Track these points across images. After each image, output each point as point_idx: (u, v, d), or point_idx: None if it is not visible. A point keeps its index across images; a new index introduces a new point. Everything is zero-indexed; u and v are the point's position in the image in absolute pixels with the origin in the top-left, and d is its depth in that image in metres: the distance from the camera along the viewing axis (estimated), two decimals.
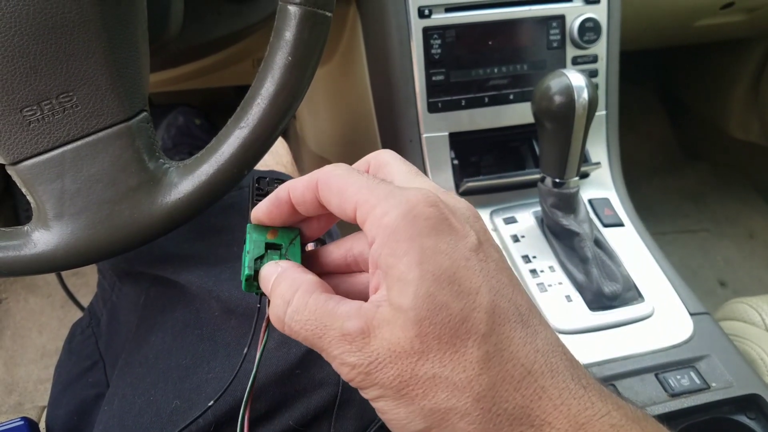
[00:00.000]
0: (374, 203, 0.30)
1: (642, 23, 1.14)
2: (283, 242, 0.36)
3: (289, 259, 0.35)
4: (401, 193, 0.30)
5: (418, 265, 0.28)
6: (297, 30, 0.43)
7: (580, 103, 0.67)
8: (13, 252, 0.44)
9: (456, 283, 0.29)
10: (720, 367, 0.68)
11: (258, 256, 0.35)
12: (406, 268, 0.29)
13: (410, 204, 0.30)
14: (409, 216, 0.29)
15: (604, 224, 0.83)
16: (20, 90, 0.40)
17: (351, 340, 0.29)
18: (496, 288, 0.29)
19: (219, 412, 0.44)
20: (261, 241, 0.36)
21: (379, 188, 0.31)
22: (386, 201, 0.30)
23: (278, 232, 0.36)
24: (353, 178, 0.32)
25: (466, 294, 0.29)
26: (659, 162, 1.84)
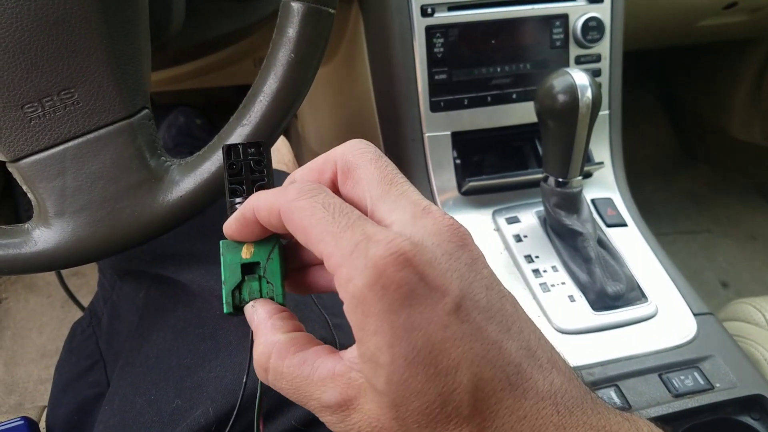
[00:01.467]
0: (338, 261, 0.27)
1: (645, 23, 1.13)
2: (260, 259, 0.33)
3: (269, 278, 0.33)
4: (368, 249, 0.26)
5: (389, 347, 0.26)
6: (300, 27, 0.43)
7: (583, 102, 0.67)
8: (14, 250, 0.44)
9: (432, 364, 0.26)
10: (724, 368, 0.67)
11: (235, 286, 0.33)
12: (377, 350, 0.26)
13: (377, 270, 0.26)
14: (377, 287, 0.26)
15: (607, 224, 0.83)
16: (21, 86, 0.40)
17: (331, 411, 0.28)
18: (480, 354, 0.26)
19: (220, 412, 0.44)
20: (236, 264, 0.33)
21: (344, 238, 0.27)
22: (351, 261, 0.26)
23: (253, 247, 0.33)
24: (315, 217, 0.28)
25: (444, 374, 0.26)
26: (661, 163, 1.84)
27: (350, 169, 0.31)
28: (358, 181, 0.30)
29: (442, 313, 0.26)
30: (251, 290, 0.33)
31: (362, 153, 0.31)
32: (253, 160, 0.36)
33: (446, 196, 0.84)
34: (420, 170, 0.84)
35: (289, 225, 0.29)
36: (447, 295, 0.26)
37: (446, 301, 0.26)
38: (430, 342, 0.26)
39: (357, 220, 0.28)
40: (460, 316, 0.26)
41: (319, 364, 0.28)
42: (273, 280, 0.33)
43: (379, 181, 0.30)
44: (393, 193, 0.29)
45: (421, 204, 0.29)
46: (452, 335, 0.26)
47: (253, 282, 0.33)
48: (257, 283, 0.33)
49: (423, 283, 0.26)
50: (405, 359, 0.26)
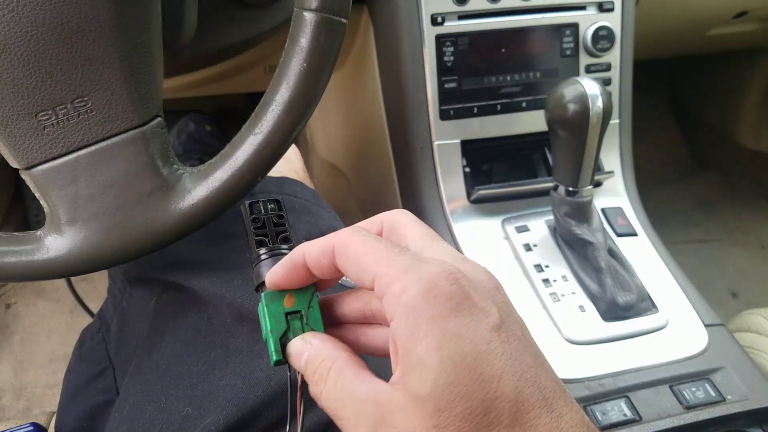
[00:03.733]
0: (393, 278, 0.29)
1: (655, 32, 1.13)
2: (301, 307, 0.35)
3: (312, 326, 0.34)
4: (420, 267, 0.29)
5: (437, 350, 0.27)
6: (312, 36, 0.43)
7: (594, 111, 0.67)
8: (26, 257, 0.44)
9: (477, 370, 0.27)
10: (735, 380, 0.67)
11: (282, 334, 0.34)
12: (425, 354, 0.27)
13: (431, 282, 0.28)
14: (429, 295, 0.28)
15: (618, 234, 0.82)
16: (35, 94, 0.40)
17: (373, 426, 0.28)
18: (519, 371, 0.28)
19: (231, 420, 0.44)
20: (280, 313, 0.34)
21: (397, 261, 0.30)
22: (405, 276, 0.29)
23: (294, 295, 0.35)
24: (371, 247, 0.31)
25: (488, 382, 0.27)
26: (670, 171, 1.84)
27: (396, 227, 0.34)
28: (404, 236, 0.33)
29: (486, 329, 0.28)
30: (296, 335, 0.34)
31: (407, 215, 0.35)
32: (275, 215, 0.38)
33: (455, 204, 0.84)
34: (429, 178, 0.84)
35: (342, 258, 0.32)
36: (489, 315, 0.29)
37: (489, 320, 0.29)
38: (476, 350, 0.27)
39: (408, 251, 0.31)
40: (501, 336, 0.28)
41: (370, 382, 0.30)
42: (316, 326, 0.35)
43: (422, 236, 0.33)
44: (435, 245, 0.32)
45: (459, 254, 0.32)
46: (495, 349, 0.28)
47: (296, 324, 0.34)
48: (300, 330, 0.34)
49: (469, 301, 0.29)
50: (452, 362, 0.27)
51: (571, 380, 0.66)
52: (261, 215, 0.38)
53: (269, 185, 0.61)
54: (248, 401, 0.44)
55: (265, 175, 0.47)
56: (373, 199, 1.17)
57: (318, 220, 0.60)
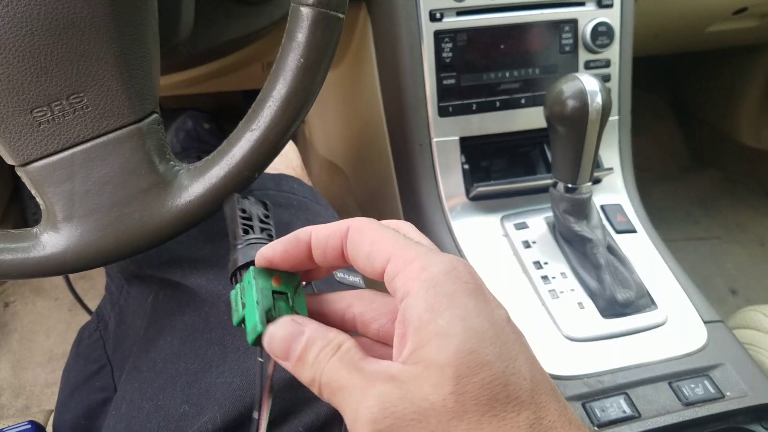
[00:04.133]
0: (412, 257, 0.30)
1: (654, 28, 1.13)
2: (288, 290, 0.34)
3: (297, 310, 0.33)
4: (439, 253, 0.30)
5: (461, 319, 0.28)
6: (309, 32, 0.43)
7: (593, 107, 0.67)
8: (22, 254, 0.44)
9: (499, 344, 0.28)
10: (735, 376, 0.67)
11: (268, 308, 0.32)
12: (447, 324, 0.28)
13: (451, 264, 0.29)
14: (452, 274, 0.29)
15: (617, 230, 0.82)
16: (31, 91, 0.40)
17: (373, 398, 0.27)
18: (531, 359, 0.29)
19: (228, 418, 0.43)
20: (268, 290, 0.33)
21: (412, 246, 0.31)
22: (426, 257, 0.30)
23: (282, 277, 0.34)
24: (388, 233, 0.31)
25: (508, 357, 0.28)
26: (670, 168, 1.83)
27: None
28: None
29: (500, 319, 0.29)
30: (281, 314, 0.33)
31: (411, 226, 0.35)
32: (262, 213, 0.39)
33: (454, 201, 0.84)
34: (428, 175, 0.84)
35: (356, 240, 0.32)
36: (501, 308, 0.30)
37: (501, 311, 0.30)
38: (497, 327, 0.29)
39: (414, 240, 0.32)
40: (513, 327, 0.30)
41: (373, 362, 0.29)
42: (300, 311, 0.34)
43: (428, 244, 0.34)
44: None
45: None
46: (509, 334, 0.29)
47: (281, 304, 0.33)
48: (287, 311, 0.33)
49: (483, 291, 0.30)
50: (476, 332, 0.28)
51: (570, 377, 0.66)
52: (248, 211, 0.38)
53: (267, 182, 0.61)
54: (245, 399, 0.44)
55: (262, 172, 0.46)
56: (371, 196, 1.17)
57: (316, 217, 0.60)
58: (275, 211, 0.58)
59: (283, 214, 0.58)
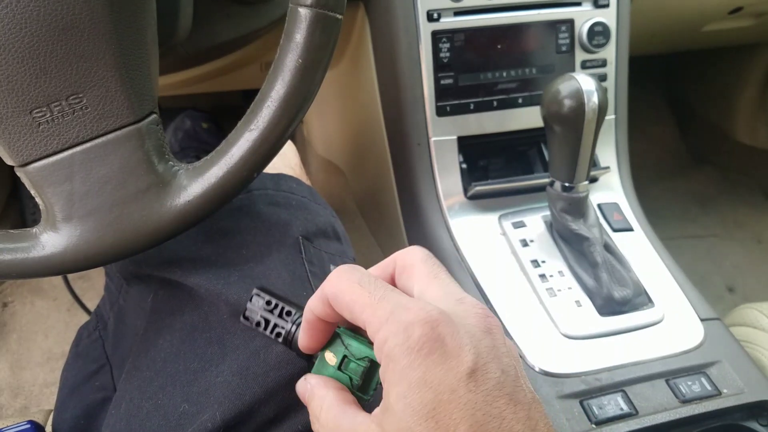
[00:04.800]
0: (376, 327, 0.32)
1: (650, 28, 1.13)
2: (341, 355, 0.39)
3: (355, 357, 0.38)
4: (401, 315, 0.32)
5: (403, 398, 0.30)
6: (307, 32, 0.43)
7: (590, 107, 0.67)
8: (22, 254, 0.44)
9: (434, 419, 0.29)
10: (731, 374, 0.67)
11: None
12: (394, 400, 0.31)
13: (407, 332, 0.31)
14: (404, 346, 0.31)
15: (614, 229, 0.82)
16: (30, 91, 0.40)
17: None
18: (480, 422, 0.30)
19: (227, 416, 0.44)
20: (334, 370, 0.39)
21: (380, 308, 0.33)
22: (386, 326, 0.32)
23: (329, 350, 0.39)
24: (356, 294, 0.34)
25: (443, 429, 0.29)
26: (667, 167, 1.84)
27: (405, 266, 0.37)
28: (410, 276, 0.37)
29: (454, 378, 0.30)
30: None
31: (417, 253, 0.37)
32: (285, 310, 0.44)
33: (452, 200, 0.84)
34: (426, 174, 0.84)
35: (336, 306, 0.35)
36: (462, 363, 0.30)
37: (460, 369, 0.30)
38: (437, 399, 0.30)
39: (390, 293, 0.34)
40: (469, 386, 0.30)
41: (350, 416, 0.34)
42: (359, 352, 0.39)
43: (426, 275, 0.36)
44: (435, 285, 0.35)
45: (458, 294, 0.35)
46: (458, 399, 0.30)
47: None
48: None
49: (442, 347, 0.31)
50: (413, 410, 0.30)
51: (567, 375, 0.66)
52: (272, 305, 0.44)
53: (265, 181, 0.61)
54: (245, 397, 0.44)
55: (261, 172, 0.47)
56: (369, 195, 1.17)
57: (314, 216, 0.60)
58: (274, 210, 0.58)
59: (282, 214, 0.58)
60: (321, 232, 0.59)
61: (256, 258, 0.53)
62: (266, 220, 0.57)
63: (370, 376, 0.38)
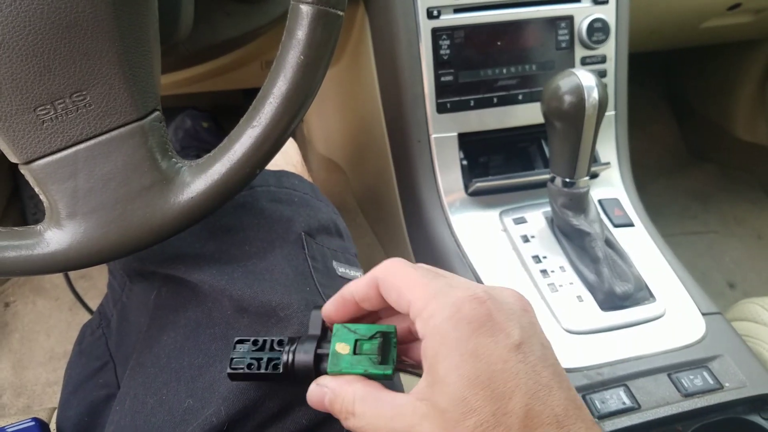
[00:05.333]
0: (423, 304, 0.33)
1: (649, 25, 1.14)
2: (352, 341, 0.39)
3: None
4: (449, 292, 0.33)
5: (456, 369, 0.31)
6: (309, 29, 0.43)
7: (590, 102, 0.67)
8: (26, 251, 0.44)
9: (490, 387, 0.30)
10: (733, 367, 0.67)
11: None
12: (445, 372, 0.31)
13: (456, 306, 0.32)
14: (454, 319, 0.32)
15: (615, 224, 0.83)
16: (34, 89, 0.40)
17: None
18: (532, 390, 0.31)
19: (232, 411, 0.44)
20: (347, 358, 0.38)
21: (430, 285, 0.34)
22: (435, 301, 0.33)
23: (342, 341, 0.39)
24: (407, 275, 0.35)
25: (500, 398, 0.30)
26: (666, 163, 1.84)
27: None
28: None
29: (504, 350, 0.31)
30: None
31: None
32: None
33: (453, 197, 0.84)
34: (426, 171, 0.84)
35: (385, 287, 0.36)
36: (510, 336, 0.32)
37: (509, 341, 0.32)
38: (491, 369, 0.31)
39: (440, 276, 0.35)
40: (519, 356, 0.32)
41: (389, 399, 0.34)
42: None
43: (433, 277, 0.37)
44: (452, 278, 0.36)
45: (486, 285, 0.36)
46: (510, 368, 0.31)
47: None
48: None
49: (491, 322, 0.32)
50: (468, 380, 0.31)
51: (569, 369, 0.66)
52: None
53: (268, 178, 0.61)
54: (249, 392, 0.44)
55: (263, 168, 0.47)
56: (370, 193, 1.17)
57: (317, 212, 0.60)
58: (276, 207, 0.58)
59: (285, 210, 0.58)
60: (323, 229, 0.59)
61: (259, 254, 0.54)
62: (269, 217, 0.57)
63: (386, 350, 0.38)
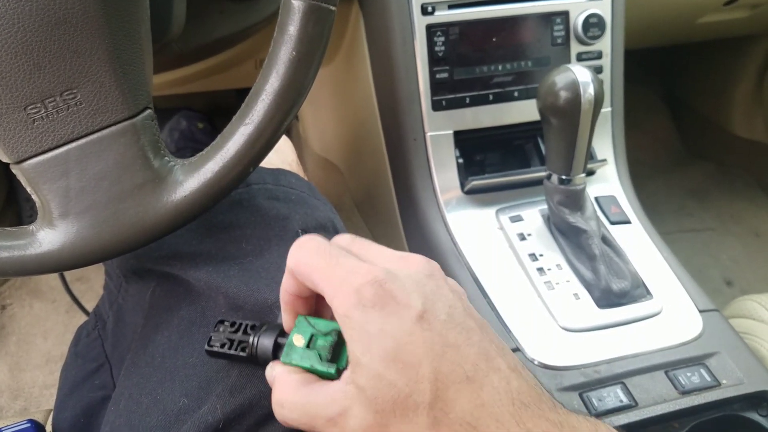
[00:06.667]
0: (332, 294, 0.35)
1: (645, 20, 1.13)
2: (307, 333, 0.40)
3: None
4: (351, 279, 0.35)
5: (368, 350, 0.33)
6: (301, 24, 0.43)
7: (586, 98, 0.67)
8: (19, 252, 0.44)
9: (401, 360, 0.33)
10: (730, 364, 0.67)
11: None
12: (361, 354, 0.33)
13: (358, 293, 0.34)
14: (359, 306, 0.34)
15: (611, 222, 0.82)
16: (24, 87, 0.40)
17: (334, 423, 0.34)
18: (439, 353, 0.33)
19: (227, 408, 0.44)
20: (302, 350, 0.39)
21: (335, 274, 0.35)
22: (340, 291, 0.35)
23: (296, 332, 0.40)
24: (313, 262, 0.36)
25: (410, 368, 0.33)
26: (663, 161, 1.84)
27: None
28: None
29: (408, 323, 0.33)
30: None
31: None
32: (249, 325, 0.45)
33: (449, 195, 0.84)
34: (422, 169, 0.84)
35: (301, 278, 0.37)
36: (412, 308, 0.34)
37: (411, 313, 0.34)
38: (398, 344, 0.33)
39: (344, 258, 0.36)
40: (423, 325, 0.34)
41: (322, 389, 0.36)
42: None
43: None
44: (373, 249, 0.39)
45: (398, 253, 0.38)
46: (416, 339, 0.33)
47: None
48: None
49: (393, 300, 0.34)
50: (380, 357, 0.33)
51: (566, 367, 0.66)
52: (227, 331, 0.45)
53: (265, 176, 0.61)
54: (245, 391, 0.44)
55: (257, 166, 0.47)
56: (366, 192, 1.17)
57: (314, 211, 0.60)
58: (273, 204, 0.58)
59: (282, 208, 0.58)
60: (320, 227, 0.59)
61: (256, 252, 0.53)
62: (266, 214, 0.57)
63: (339, 349, 0.39)
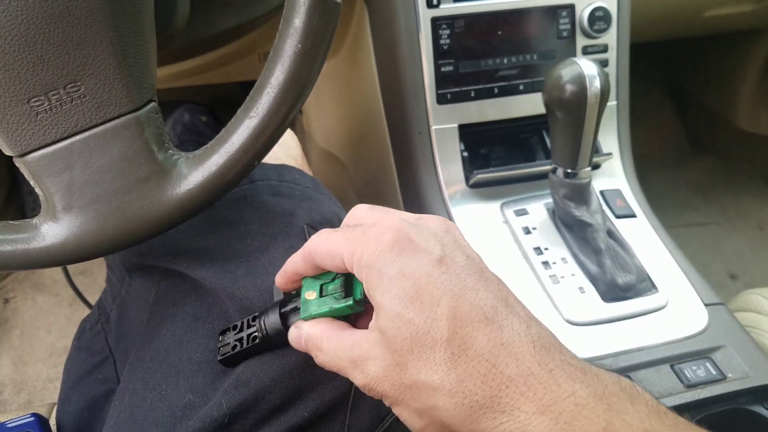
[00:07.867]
0: (352, 250, 0.36)
1: (651, 14, 1.13)
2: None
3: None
4: (369, 231, 0.36)
5: (387, 292, 0.34)
6: (307, 17, 0.42)
7: (592, 91, 0.67)
8: (22, 245, 0.44)
9: (418, 300, 0.33)
10: (736, 358, 0.67)
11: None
12: (381, 297, 0.34)
13: (377, 240, 0.36)
14: (377, 251, 0.35)
15: (617, 215, 0.82)
16: (27, 80, 0.40)
17: (356, 366, 0.36)
18: (458, 294, 0.34)
19: (233, 404, 0.43)
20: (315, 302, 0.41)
21: (353, 235, 0.37)
22: (360, 243, 0.36)
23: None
24: (332, 238, 0.38)
25: (429, 306, 0.33)
26: (668, 155, 1.83)
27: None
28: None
29: (427, 265, 0.34)
30: None
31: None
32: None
33: (454, 188, 0.84)
34: (427, 163, 0.84)
35: (320, 257, 0.39)
36: (431, 253, 0.35)
37: (430, 257, 0.35)
38: (417, 284, 0.34)
39: (360, 224, 0.38)
40: (441, 268, 0.35)
41: (349, 335, 0.38)
42: None
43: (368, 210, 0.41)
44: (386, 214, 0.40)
45: (416, 215, 0.39)
46: (435, 280, 0.34)
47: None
48: None
49: (412, 245, 0.35)
50: (398, 297, 0.34)
51: None
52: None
53: (269, 172, 0.61)
54: (250, 386, 0.44)
55: (261, 159, 0.46)
56: (371, 186, 1.17)
57: (319, 206, 0.60)
58: (278, 200, 0.57)
59: (286, 204, 0.58)
60: (326, 221, 0.58)
61: (261, 248, 0.53)
62: (270, 210, 0.56)
63: (350, 285, 0.40)
